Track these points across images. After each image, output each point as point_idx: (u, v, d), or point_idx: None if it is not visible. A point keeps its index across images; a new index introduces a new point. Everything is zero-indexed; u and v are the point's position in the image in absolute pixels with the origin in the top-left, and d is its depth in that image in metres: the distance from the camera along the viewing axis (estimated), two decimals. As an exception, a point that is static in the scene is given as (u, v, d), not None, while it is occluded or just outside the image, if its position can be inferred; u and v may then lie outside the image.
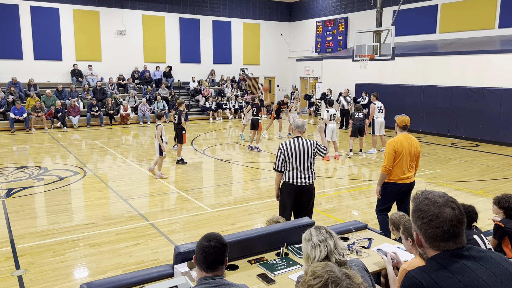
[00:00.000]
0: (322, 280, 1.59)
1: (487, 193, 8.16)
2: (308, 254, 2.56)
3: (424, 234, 1.67)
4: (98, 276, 4.74)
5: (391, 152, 5.27)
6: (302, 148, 5.02)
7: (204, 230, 6.14)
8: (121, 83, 20.25)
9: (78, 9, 19.36)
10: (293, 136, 5.18)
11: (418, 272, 1.63)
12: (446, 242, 1.64)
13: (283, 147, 5.07)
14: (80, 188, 8.50)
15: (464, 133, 14.79)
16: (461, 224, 1.65)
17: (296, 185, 5.05)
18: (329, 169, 10.45)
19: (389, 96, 17.25)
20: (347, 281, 1.60)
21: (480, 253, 1.65)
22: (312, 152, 5.06)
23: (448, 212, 1.64)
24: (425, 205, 1.68)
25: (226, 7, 23.24)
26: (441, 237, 1.63)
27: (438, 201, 1.67)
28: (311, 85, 23.49)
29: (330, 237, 2.56)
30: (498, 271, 1.60)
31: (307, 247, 2.57)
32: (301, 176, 5.04)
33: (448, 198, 1.69)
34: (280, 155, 5.07)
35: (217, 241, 2.40)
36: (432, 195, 1.71)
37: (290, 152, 5.01)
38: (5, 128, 16.04)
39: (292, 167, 5.04)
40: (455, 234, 1.63)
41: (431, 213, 1.65)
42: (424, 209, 1.68)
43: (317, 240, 2.54)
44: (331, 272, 1.62)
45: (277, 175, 5.21)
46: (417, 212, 1.70)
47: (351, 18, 21.34)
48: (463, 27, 16.38)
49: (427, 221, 1.65)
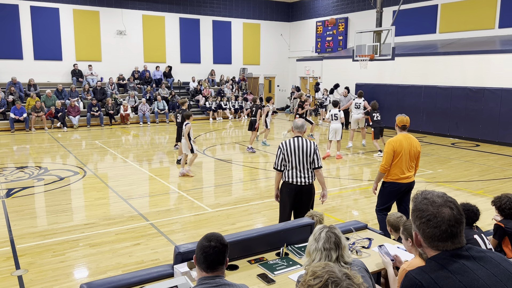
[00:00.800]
0: (322, 280, 1.59)
1: (487, 193, 8.16)
2: (310, 252, 2.58)
3: (423, 234, 1.68)
4: (98, 276, 4.74)
5: (390, 151, 5.29)
6: (302, 148, 5.02)
7: (204, 230, 6.14)
8: (121, 83, 20.26)
9: (78, 9, 19.36)
10: (293, 136, 5.20)
11: (418, 272, 1.63)
12: (444, 242, 1.64)
13: (283, 146, 5.08)
14: (80, 188, 8.50)
15: (464, 133, 14.78)
16: (459, 224, 1.65)
17: (295, 184, 5.05)
18: (329, 169, 10.45)
19: (389, 96, 17.26)
20: (347, 281, 1.60)
21: (480, 253, 1.65)
22: (312, 153, 5.06)
23: (446, 212, 1.64)
24: (423, 204, 1.69)
25: (226, 7, 23.24)
26: (439, 237, 1.64)
27: (436, 201, 1.67)
28: (311, 85, 23.49)
29: (335, 248, 2.54)
30: (498, 271, 1.60)
31: (312, 244, 2.59)
32: (300, 175, 5.04)
33: (447, 198, 1.69)
34: (280, 154, 5.08)
35: (217, 242, 2.40)
36: (431, 195, 1.71)
37: (290, 152, 5.01)
38: (5, 128, 16.04)
39: (292, 167, 5.04)
40: (453, 234, 1.64)
41: (429, 213, 1.66)
42: (422, 208, 1.68)
43: (322, 247, 2.54)
44: (331, 272, 1.62)
45: (276, 174, 5.21)
46: (416, 211, 1.71)
47: (351, 18, 21.34)
48: (463, 27, 16.38)
49: (425, 221, 1.66)
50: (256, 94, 24.02)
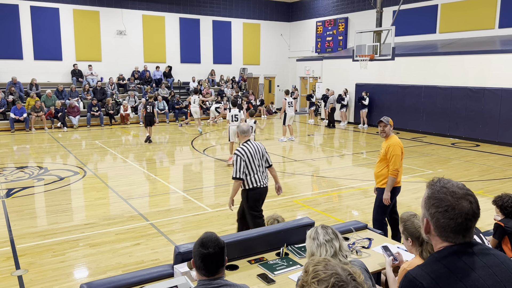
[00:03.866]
0: (328, 286, 1.53)
1: (487, 193, 8.16)
2: (313, 252, 2.55)
3: (436, 223, 1.63)
4: (98, 276, 4.74)
5: (399, 153, 5.10)
6: (257, 150, 5.07)
7: (204, 230, 6.10)
8: (121, 83, 20.25)
9: (78, 9, 19.36)
10: (241, 142, 5.14)
11: (419, 272, 1.61)
12: (456, 235, 1.61)
13: (242, 154, 4.94)
14: (80, 188, 8.50)
15: (464, 133, 14.78)
16: (475, 219, 1.61)
17: (261, 187, 5.09)
18: (330, 169, 10.44)
19: (389, 96, 17.27)
20: (353, 283, 1.56)
21: (484, 250, 1.63)
22: (265, 153, 5.15)
23: (466, 205, 1.59)
24: (442, 193, 1.62)
25: (226, 7, 23.24)
26: (453, 229, 1.60)
27: (457, 192, 1.61)
28: (311, 85, 23.48)
29: (336, 238, 2.58)
30: (499, 271, 1.59)
31: (312, 245, 2.57)
32: (262, 177, 5.10)
33: (467, 191, 1.63)
34: (240, 162, 4.91)
35: (215, 247, 2.34)
36: (450, 184, 1.65)
37: (249, 157, 4.99)
38: (5, 128, 16.04)
39: (254, 171, 5.01)
40: (467, 228, 1.61)
41: (448, 203, 1.60)
42: (441, 197, 1.62)
43: (324, 240, 2.54)
44: (336, 275, 1.56)
45: (236, 184, 5.02)
46: (433, 199, 1.64)
47: (351, 18, 21.34)
48: (463, 27, 16.38)
49: (442, 211, 1.60)
50: (256, 94, 24.03)
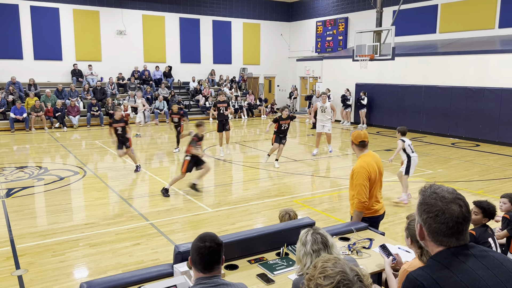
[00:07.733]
0: (333, 282, 1.55)
1: (487, 193, 8.15)
2: (300, 259, 2.55)
3: (428, 228, 1.67)
4: (98, 276, 4.73)
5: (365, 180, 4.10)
6: None
7: (204, 230, 6.12)
8: (121, 83, 20.25)
9: (78, 9, 19.35)
10: None
11: (420, 273, 1.62)
12: (449, 238, 1.64)
13: None
14: (80, 188, 8.50)
15: (464, 133, 14.78)
16: (466, 222, 1.64)
17: None
18: (329, 169, 10.44)
19: (389, 96, 17.27)
20: (358, 284, 1.57)
21: (483, 252, 1.64)
22: None
23: (455, 209, 1.63)
24: (432, 199, 1.67)
25: (226, 7, 23.24)
26: (445, 233, 1.63)
27: (446, 197, 1.65)
28: (311, 85, 23.48)
29: (324, 248, 2.51)
30: (499, 271, 1.59)
31: (300, 250, 2.56)
32: None
33: (457, 195, 1.67)
34: None
35: (212, 241, 2.37)
36: (440, 189, 1.69)
37: None
38: (5, 128, 16.04)
39: None
40: (459, 231, 1.63)
41: (438, 208, 1.64)
42: (431, 203, 1.66)
43: (311, 250, 2.51)
44: (343, 274, 1.58)
45: None
46: (424, 205, 1.68)
47: (351, 18, 21.34)
48: (463, 27, 16.38)
49: (433, 216, 1.64)
50: (256, 94, 24.02)
